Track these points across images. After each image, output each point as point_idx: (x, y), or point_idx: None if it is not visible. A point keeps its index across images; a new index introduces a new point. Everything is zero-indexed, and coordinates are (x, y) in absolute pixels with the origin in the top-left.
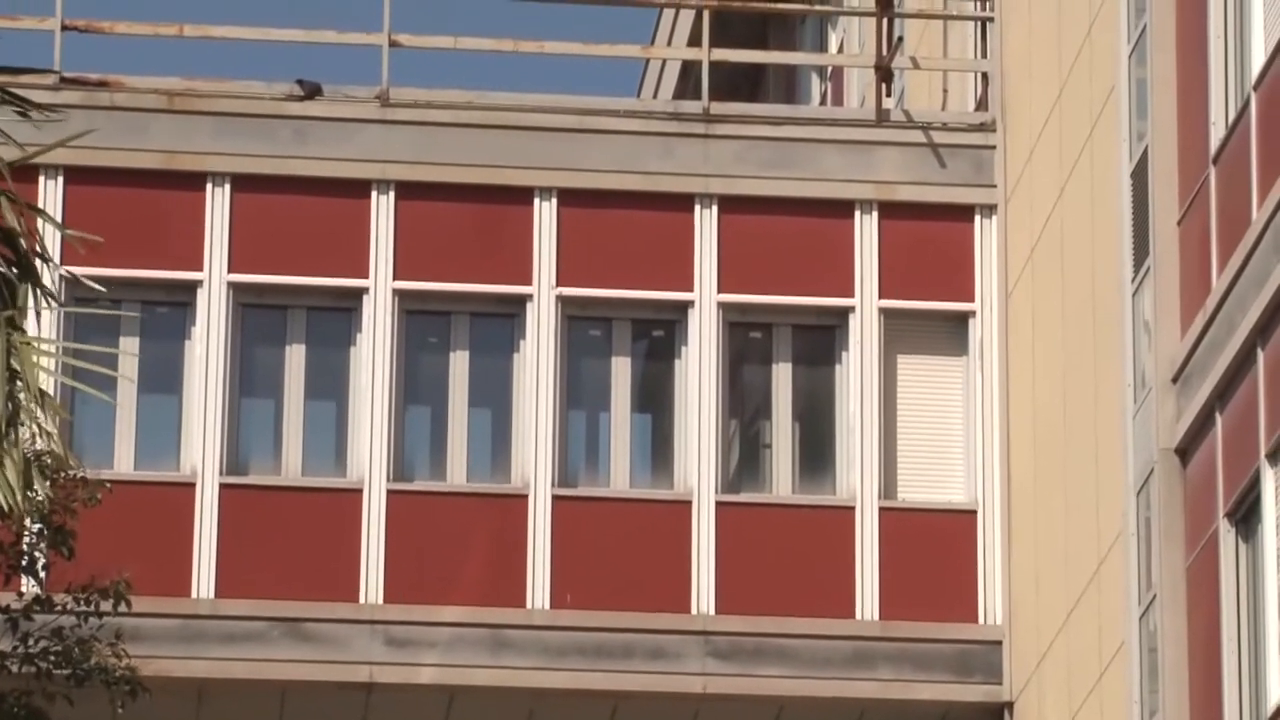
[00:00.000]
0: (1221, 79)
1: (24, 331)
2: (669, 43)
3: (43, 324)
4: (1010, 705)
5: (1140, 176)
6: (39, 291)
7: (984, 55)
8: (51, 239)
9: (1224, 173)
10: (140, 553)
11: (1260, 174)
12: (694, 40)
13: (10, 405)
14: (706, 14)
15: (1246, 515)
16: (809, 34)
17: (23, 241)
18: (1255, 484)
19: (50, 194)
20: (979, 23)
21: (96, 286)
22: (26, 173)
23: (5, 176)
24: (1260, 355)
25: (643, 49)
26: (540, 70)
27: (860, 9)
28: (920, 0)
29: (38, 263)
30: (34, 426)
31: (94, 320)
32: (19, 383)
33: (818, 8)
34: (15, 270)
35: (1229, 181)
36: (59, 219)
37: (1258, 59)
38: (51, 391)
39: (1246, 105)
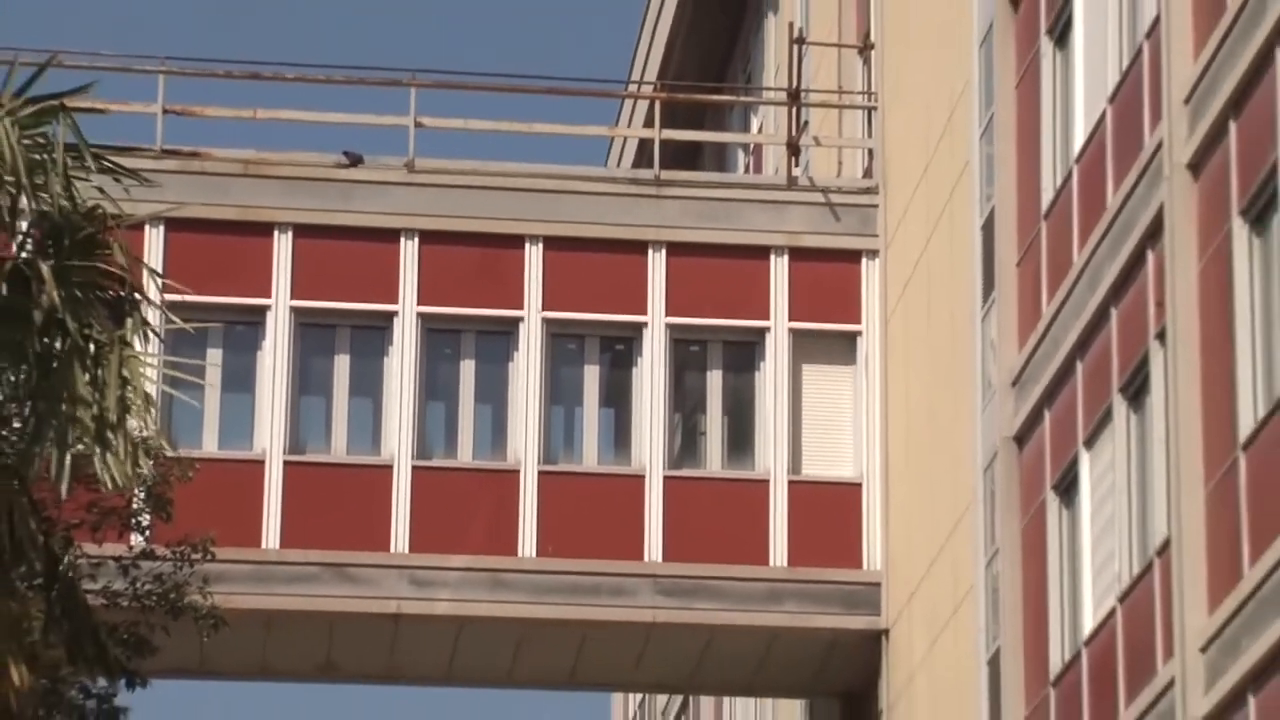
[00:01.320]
0: (1050, 155)
1: (132, 346)
2: (629, 124)
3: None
4: (886, 632)
5: (988, 229)
6: (141, 321)
7: (870, 135)
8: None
9: (1052, 227)
10: (222, 514)
11: (1079, 227)
12: (649, 122)
13: (122, 404)
14: (658, 103)
15: (1068, 489)
16: (736, 118)
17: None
18: (1074, 465)
19: (154, 240)
20: (866, 110)
21: (182, 323)
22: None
23: (118, 229)
24: (1079, 366)
25: (609, 129)
26: (530, 144)
27: (774, 100)
28: (821, 91)
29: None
30: (140, 420)
31: (188, 334)
32: (129, 386)
33: (743, 99)
34: (126, 303)
35: (1056, 233)
36: (162, 258)
37: (1078, 140)
38: (153, 393)
39: (1069, 175)
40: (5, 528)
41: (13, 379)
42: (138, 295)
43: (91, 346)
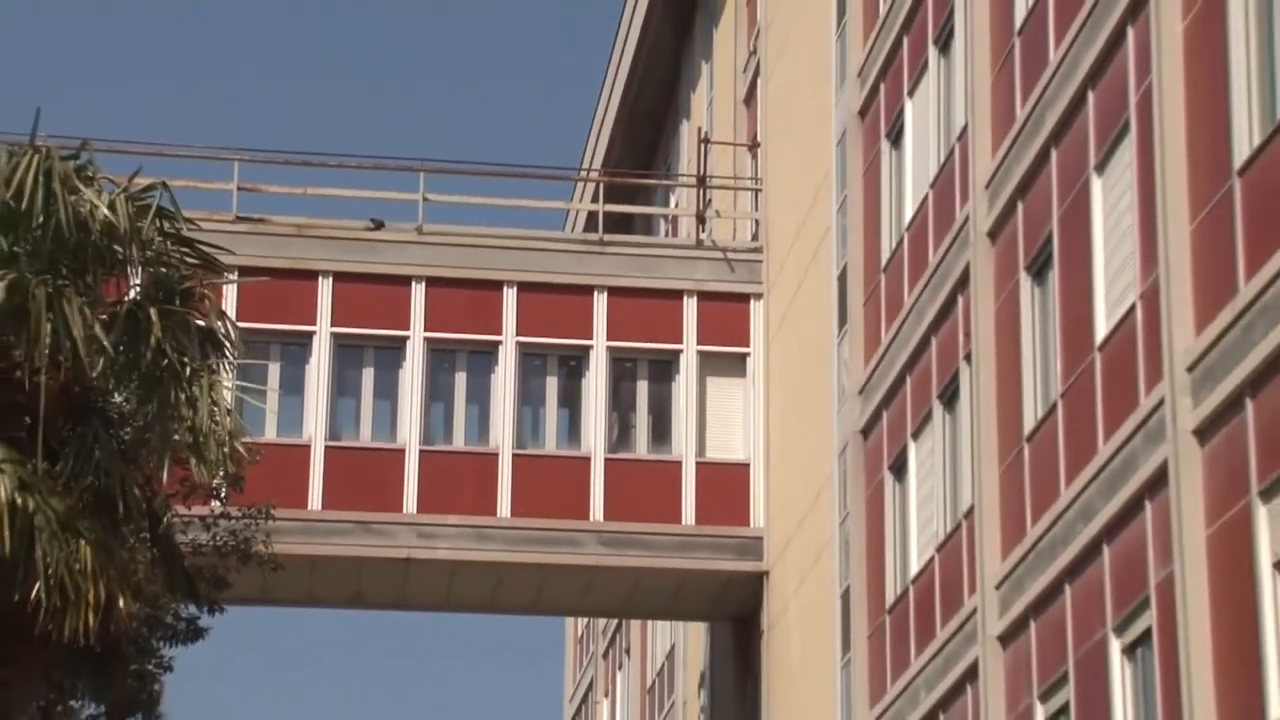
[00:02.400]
0: (888, 225)
1: (215, 371)
2: (581, 199)
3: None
4: (767, 574)
5: (842, 279)
6: (220, 355)
7: (756, 209)
8: (229, 300)
9: (889, 277)
10: (279, 484)
11: (909, 278)
12: (595, 198)
13: (209, 414)
14: (602, 185)
15: (900, 469)
16: (659, 196)
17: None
18: (905, 452)
19: (229, 285)
20: (754, 192)
21: (251, 360)
22: (216, 272)
23: (206, 282)
24: (908, 379)
25: (565, 203)
26: (509, 214)
27: (686, 183)
28: (721, 177)
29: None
30: (220, 424)
31: (256, 352)
32: (214, 403)
33: (663, 182)
34: (211, 337)
35: (891, 282)
36: (236, 297)
37: (908, 214)
38: (230, 403)
39: (901, 240)
40: (120, 497)
41: (127, 392)
42: (219, 331)
43: (186, 370)
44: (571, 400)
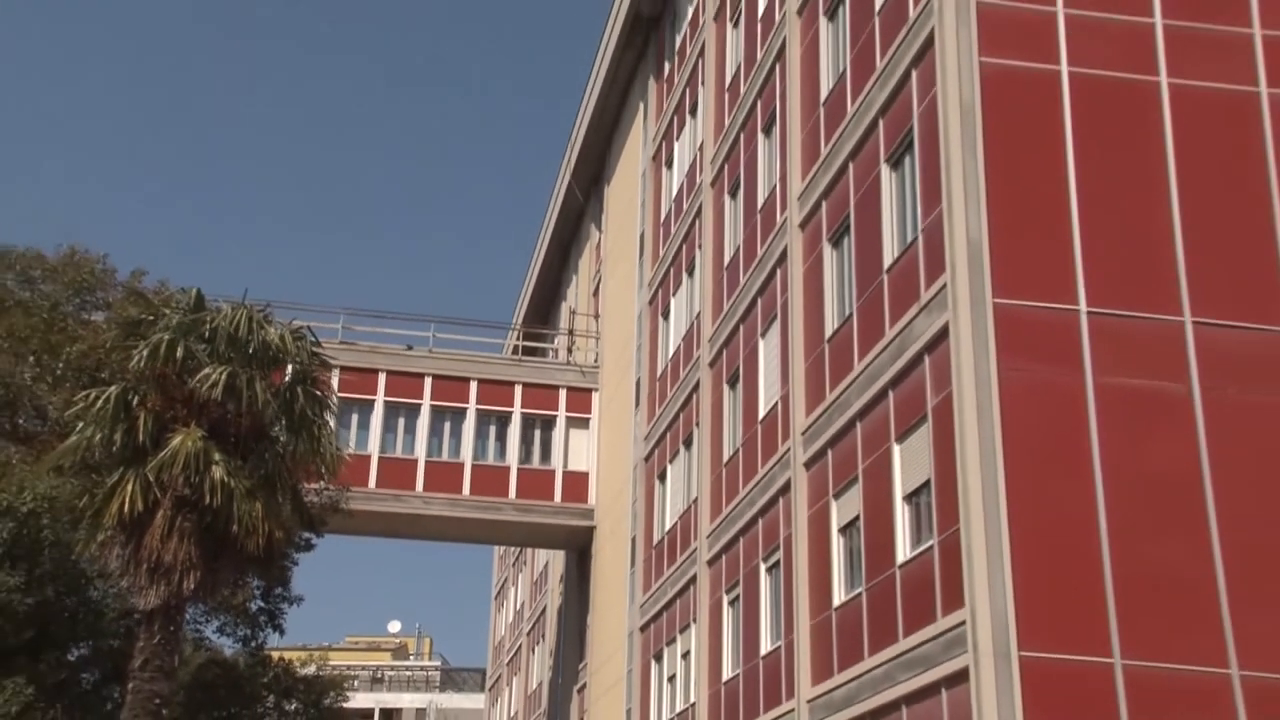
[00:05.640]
0: (661, 357)
1: (326, 419)
2: (511, 338)
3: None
4: (595, 527)
5: (638, 385)
6: (329, 410)
7: (597, 347)
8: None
9: (660, 383)
10: (355, 474)
11: (670, 384)
12: (519, 336)
13: (323, 438)
14: (521, 331)
15: (662, 476)
16: (549, 339)
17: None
18: (665, 470)
19: (336, 375)
20: (597, 336)
21: (340, 441)
22: (328, 369)
23: (321, 372)
24: (667, 435)
25: (503, 340)
26: (476, 344)
27: (562, 331)
28: (581, 331)
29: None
30: (329, 443)
31: (352, 411)
32: (324, 433)
33: (551, 332)
34: (327, 402)
35: (662, 385)
36: (338, 380)
37: (669, 351)
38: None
39: (666, 367)
40: (277, 478)
41: (280, 428)
42: (329, 399)
43: (313, 418)
44: (502, 438)
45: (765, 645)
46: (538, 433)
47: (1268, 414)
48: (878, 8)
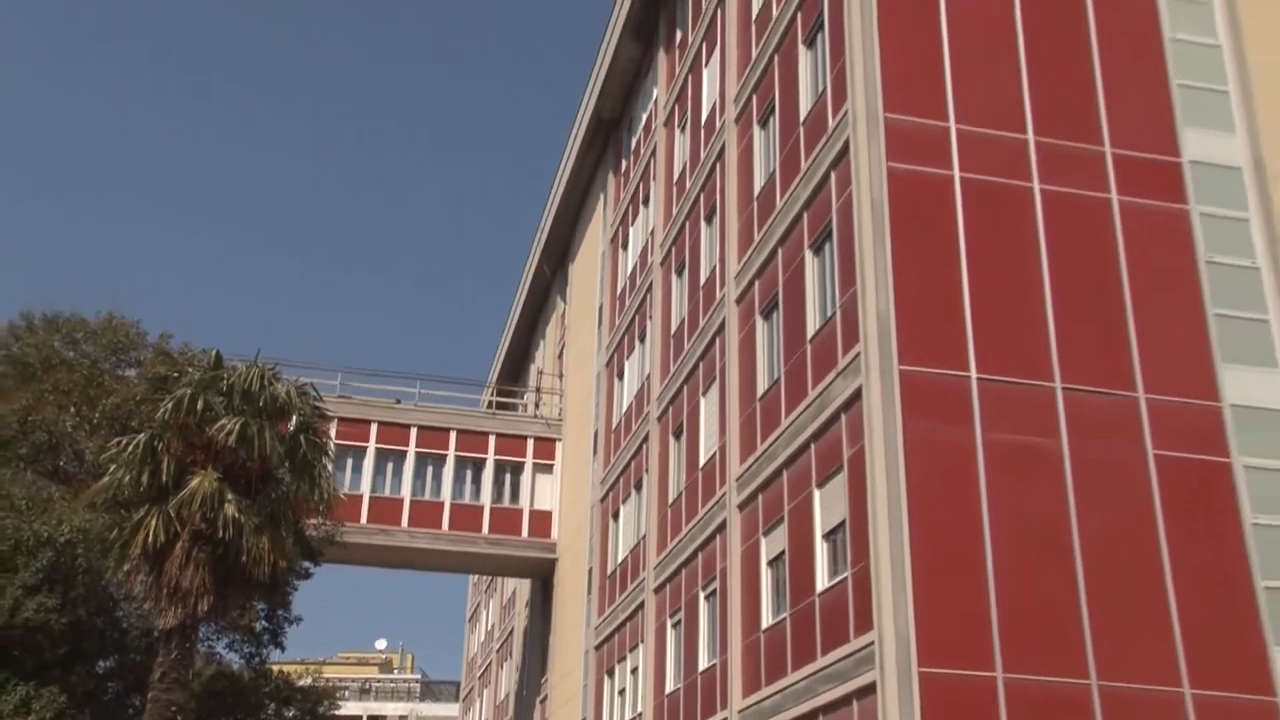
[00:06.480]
0: (617, 411)
1: (325, 467)
2: (486, 393)
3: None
4: (557, 559)
5: (596, 436)
6: (327, 456)
7: (561, 402)
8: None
9: (615, 435)
10: (348, 511)
11: (623, 435)
12: (493, 391)
13: (323, 480)
14: (496, 389)
15: (615, 515)
16: (520, 395)
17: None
18: (619, 510)
19: (334, 424)
20: (560, 393)
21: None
22: (326, 419)
23: (324, 421)
24: (620, 480)
25: (479, 395)
26: (456, 399)
27: (530, 389)
28: (548, 389)
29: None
30: (328, 484)
31: (348, 456)
32: (323, 476)
33: (521, 389)
34: (323, 450)
35: (616, 436)
36: (335, 428)
37: (623, 407)
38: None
39: (620, 421)
40: (281, 515)
41: (285, 470)
42: (327, 446)
43: (313, 462)
44: (477, 480)
45: (703, 662)
46: (508, 476)
47: (1123, 467)
48: (802, 119)
